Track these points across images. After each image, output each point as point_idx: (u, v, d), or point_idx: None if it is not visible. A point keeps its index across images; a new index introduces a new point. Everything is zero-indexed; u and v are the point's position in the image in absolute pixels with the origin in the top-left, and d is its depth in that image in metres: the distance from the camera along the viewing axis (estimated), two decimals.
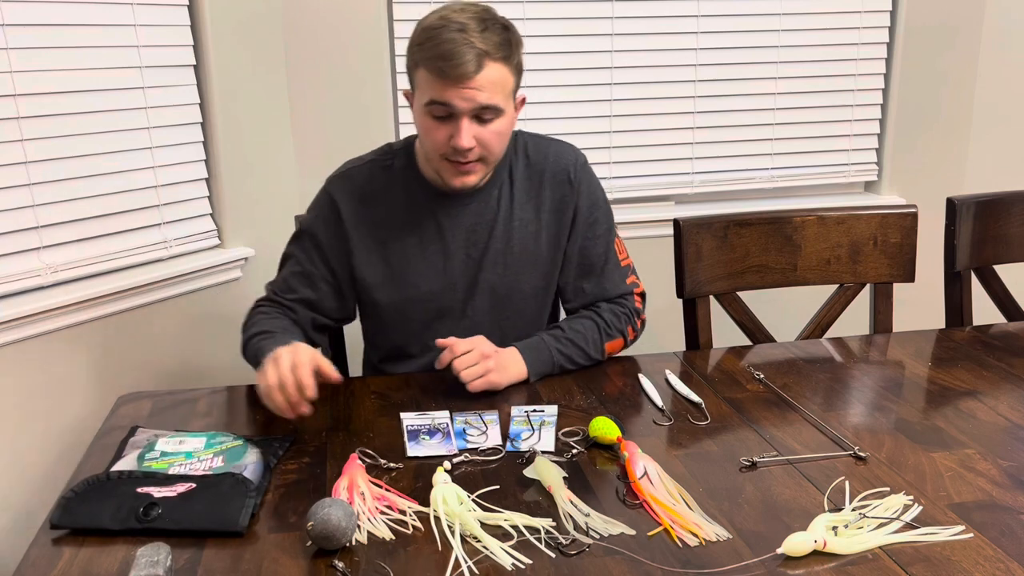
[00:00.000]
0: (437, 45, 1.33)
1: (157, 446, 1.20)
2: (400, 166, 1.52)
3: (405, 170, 1.51)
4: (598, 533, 1.03)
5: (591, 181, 1.57)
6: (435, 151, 1.41)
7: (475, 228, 1.52)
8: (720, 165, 2.57)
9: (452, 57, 1.31)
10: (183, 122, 2.05)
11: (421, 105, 1.39)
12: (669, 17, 2.42)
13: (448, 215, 1.51)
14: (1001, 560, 0.97)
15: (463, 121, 1.36)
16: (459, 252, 1.52)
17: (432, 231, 1.51)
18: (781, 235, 1.79)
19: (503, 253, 1.53)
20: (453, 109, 1.35)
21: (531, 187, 1.53)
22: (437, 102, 1.35)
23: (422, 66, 1.36)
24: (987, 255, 1.89)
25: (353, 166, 1.55)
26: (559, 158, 1.55)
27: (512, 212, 1.52)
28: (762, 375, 1.49)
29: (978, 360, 1.55)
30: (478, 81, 1.33)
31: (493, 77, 1.35)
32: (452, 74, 1.32)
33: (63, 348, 1.86)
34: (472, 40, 1.32)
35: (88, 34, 1.85)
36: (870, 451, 1.22)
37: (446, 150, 1.39)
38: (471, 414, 1.33)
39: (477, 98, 1.34)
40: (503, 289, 1.54)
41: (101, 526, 1.04)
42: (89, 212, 1.90)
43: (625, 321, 1.57)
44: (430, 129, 1.39)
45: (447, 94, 1.34)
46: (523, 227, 1.53)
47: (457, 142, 1.36)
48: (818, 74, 2.56)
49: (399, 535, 1.03)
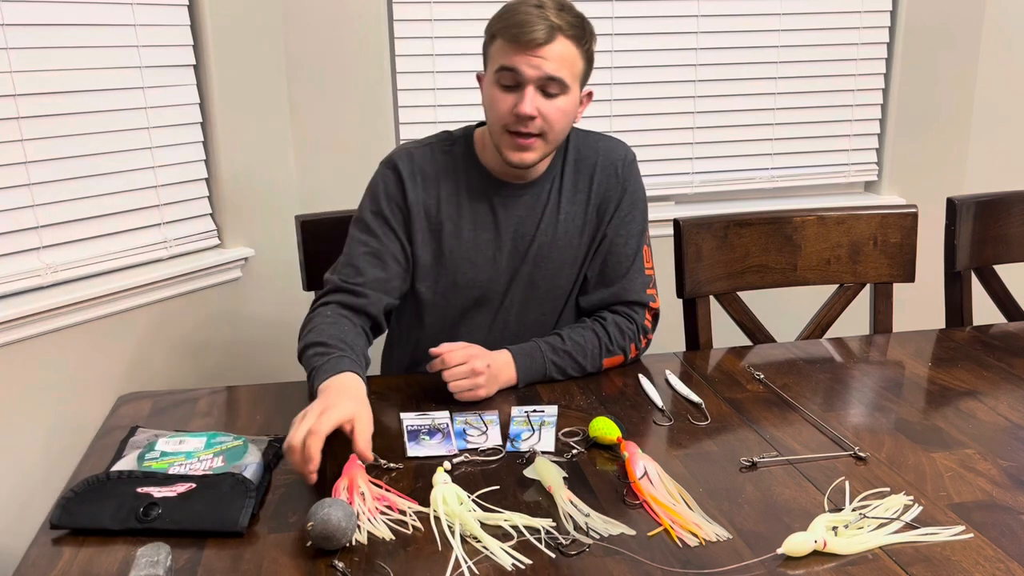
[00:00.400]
0: (514, 15, 1.37)
1: (157, 446, 1.20)
2: (460, 153, 1.52)
3: (465, 157, 1.52)
4: (598, 533, 1.03)
5: (636, 179, 1.57)
6: (498, 121, 1.41)
7: (524, 220, 1.52)
8: (720, 165, 2.58)
9: (525, 25, 1.35)
10: (183, 122, 2.05)
11: (491, 75, 1.41)
12: (669, 17, 2.42)
13: (503, 204, 1.51)
14: (1001, 560, 0.97)
15: (528, 89, 1.37)
16: (508, 243, 1.52)
17: (486, 219, 1.51)
18: (781, 235, 1.79)
19: (547, 247, 1.53)
20: (520, 76, 1.37)
21: (579, 180, 1.54)
22: (506, 68, 1.38)
23: (498, 36, 1.39)
24: (987, 255, 1.89)
25: (412, 147, 1.53)
26: (609, 153, 1.55)
27: (559, 206, 1.53)
28: (762, 375, 1.49)
29: (978, 360, 1.55)
30: (547, 51, 1.36)
31: (562, 51, 1.38)
32: (523, 39, 1.35)
33: (63, 348, 1.86)
34: (547, 14, 1.36)
35: (88, 34, 1.85)
36: (870, 451, 1.22)
37: (509, 119, 1.39)
38: (471, 414, 1.33)
39: (544, 67, 1.36)
40: (541, 282, 1.55)
41: (101, 526, 1.04)
42: (89, 212, 1.90)
43: (629, 338, 1.53)
44: (496, 99, 1.40)
45: (515, 59, 1.37)
46: (568, 221, 1.53)
47: (521, 108, 1.37)
48: (818, 74, 2.56)
49: (399, 535, 1.03)
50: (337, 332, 1.38)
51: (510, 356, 1.44)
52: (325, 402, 1.19)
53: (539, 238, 1.52)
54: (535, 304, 1.57)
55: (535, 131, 1.40)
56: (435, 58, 2.32)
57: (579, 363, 1.48)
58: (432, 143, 1.54)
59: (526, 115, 1.37)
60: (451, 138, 1.54)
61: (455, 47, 2.33)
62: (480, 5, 2.31)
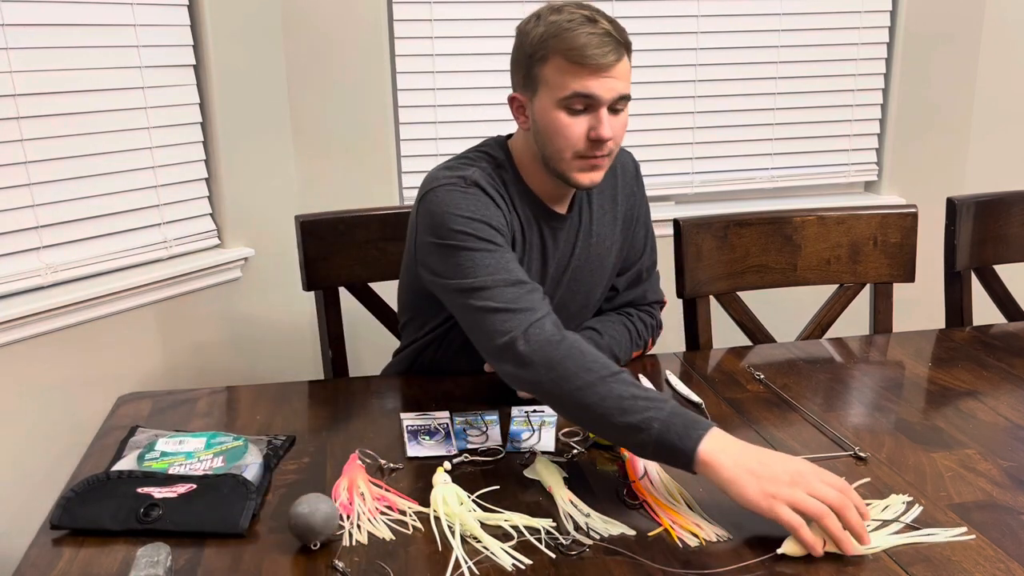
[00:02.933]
0: (573, 36, 1.28)
1: (157, 446, 1.20)
2: (510, 179, 1.40)
3: (515, 183, 1.40)
4: (598, 533, 1.03)
5: (644, 186, 1.57)
6: (570, 148, 1.32)
7: (563, 248, 1.47)
8: (720, 165, 2.58)
9: (592, 47, 1.27)
10: (183, 122, 2.06)
11: (554, 101, 1.30)
12: (669, 17, 2.42)
13: (552, 235, 1.44)
14: (1001, 560, 0.97)
15: (603, 111, 1.30)
16: (551, 271, 1.47)
17: (538, 250, 1.44)
18: (781, 235, 1.79)
19: (579, 271, 1.49)
20: (595, 100, 1.29)
21: (604, 200, 1.50)
22: (580, 94, 1.29)
23: (558, 57, 1.29)
24: (987, 255, 1.89)
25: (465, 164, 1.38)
26: (624, 167, 1.53)
27: (591, 229, 1.49)
28: (762, 375, 1.49)
29: (978, 360, 1.55)
30: (617, 71, 1.30)
31: (626, 67, 1.32)
32: (596, 62, 1.27)
33: (63, 348, 1.86)
34: (609, 30, 1.29)
35: (88, 34, 1.85)
36: (870, 451, 1.22)
37: (583, 146, 1.31)
38: (471, 414, 1.33)
39: (617, 88, 1.30)
40: (572, 305, 1.52)
41: (101, 527, 1.04)
42: (89, 212, 1.91)
43: (649, 333, 1.57)
44: (566, 125, 1.30)
45: (589, 83, 1.28)
46: (599, 244, 1.50)
47: (600, 132, 1.30)
48: (818, 74, 2.56)
49: (399, 535, 1.03)
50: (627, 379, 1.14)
51: None
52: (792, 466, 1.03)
53: (574, 263, 1.48)
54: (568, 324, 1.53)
55: (606, 152, 1.33)
56: (435, 58, 2.32)
57: (617, 358, 1.48)
58: (482, 166, 1.38)
59: (607, 138, 1.31)
60: (495, 161, 1.41)
61: (455, 47, 2.33)
62: (480, 5, 2.32)
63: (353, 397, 1.43)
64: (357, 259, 1.72)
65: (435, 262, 1.30)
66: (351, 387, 1.49)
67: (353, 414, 1.37)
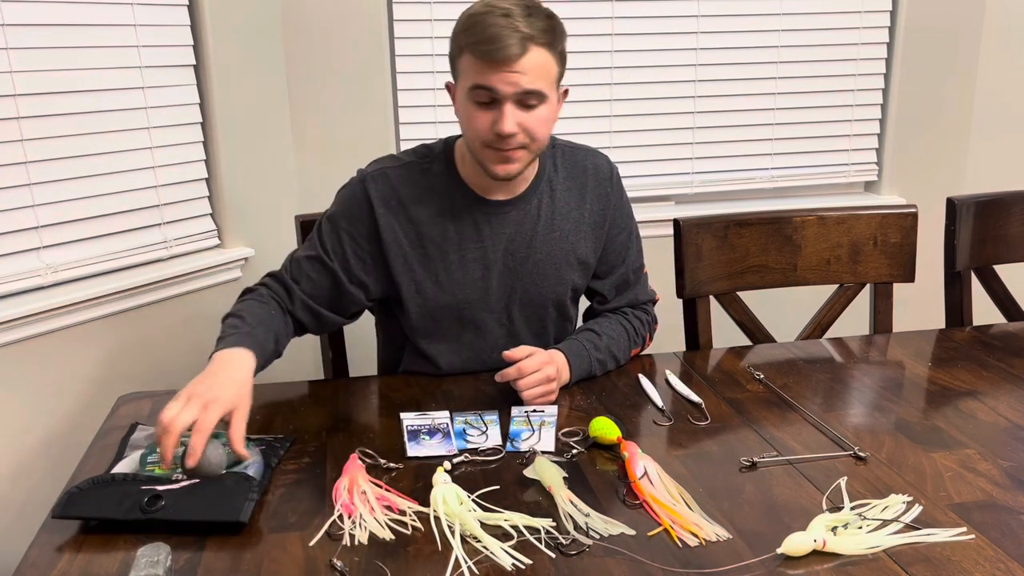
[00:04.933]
0: (482, 30, 1.31)
1: (159, 448, 1.20)
2: (439, 170, 1.47)
3: (445, 175, 1.47)
4: (598, 533, 1.03)
5: (623, 191, 1.58)
6: (477, 139, 1.37)
7: (514, 238, 1.49)
8: (720, 165, 2.57)
9: (496, 40, 1.29)
10: (183, 122, 2.05)
11: (464, 92, 1.36)
12: (669, 17, 2.42)
13: (488, 223, 1.47)
14: (1001, 560, 0.97)
15: (506, 106, 1.33)
16: (498, 262, 1.49)
17: (472, 239, 1.47)
18: (781, 235, 1.79)
19: (543, 264, 1.51)
20: (496, 94, 1.32)
21: (571, 197, 1.52)
22: (481, 87, 1.33)
23: (466, 51, 1.34)
24: (987, 255, 1.89)
25: (389, 166, 1.48)
26: (598, 170, 1.55)
27: (553, 222, 1.50)
28: (762, 375, 1.49)
29: (978, 360, 1.55)
30: (522, 65, 1.31)
31: (537, 62, 1.33)
32: (496, 57, 1.30)
33: (63, 348, 1.86)
34: (517, 24, 1.30)
35: (88, 34, 1.85)
36: (870, 451, 1.22)
37: (489, 137, 1.35)
38: (471, 414, 1.33)
39: (520, 82, 1.32)
40: (541, 300, 1.53)
41: (105, 515, 1.04)
42: (89, 212, 1.90)
43: (646, 330, 1.59)
44: (473, 116, 1.36)
45: (491, 78, 1.32)
46: (563, 238, 1.51)
47: (501, 127, 1.33)
48: (818, 74, 2.56)
49: (399, 535, 1.03)
50: (262, 313, 1.43)
51: (564, 358, 1.44)
52: (209, 388, 1.19)
53: (533, 255, 1.50)
54: (542, 320, 1.56)
55: (516, 145, 1.36)
56: (435, 58, 2.32)
57: (616, 357, 1.52)
58: (410, 161, 1.49)
59: (507, 133, 1.33)
60: (430, 154, 1.49)
61: None
62: None
63: (353, 397, 1.43)
64: None
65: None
66: (351, 387, 1.49)
67: (353, 414, 1.37)
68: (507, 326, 1.54)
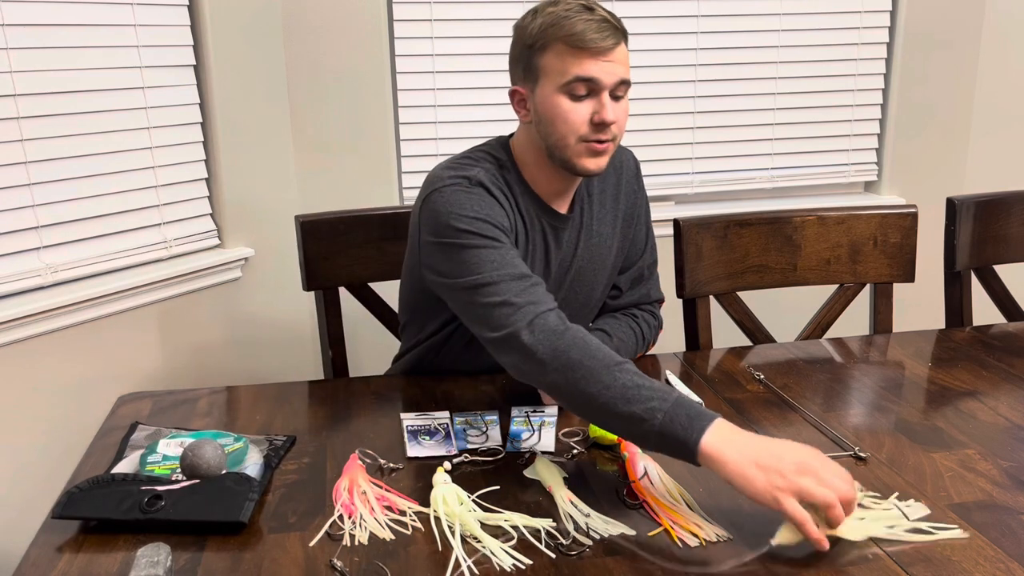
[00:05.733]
0: (571, 23, 1.30)
1: (159, 448, 1.20)
2: (513, 179, 1.40)
3: (518, 183, 1.40)
4: (598, 533, 1.03)
5: (643, 184, 1.58)
6: (573, 133, 1.33)
7: (565, 248, 1.47)
8: (720, 165, 2.58)
9: (591, 32, 1.29)
10: (183, 122, 2.06)
11: (555, 88, 1.31)
12: (669, 17, 2.42)
13: (554, 235, 1.44)
14: (1001, 560, 0.97)
15: (604, 95, 1.32)
16: (553, 272, 1.47)
17: (541, 250, 1.44)
18: (781, 235, 1.79)
19: (583, 271, 1.50)
20: (596, 84, 1.31)
21: (605, 200, 1.51)
22: (581, 78, 1.30)
23: (557, 45, 1.30)
24: (987, 255, 1.89)
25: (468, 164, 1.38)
26: (625, 167, 1.53)
27: (592, 228, 1.49)
28: (762, 375, 1.49)
29: (978, 360, 1.55)
30: (616, 55, 1.32)
31: (624, 53, 1.34)
32: (596, 46, 1.29)
33: (63, 348, 1.86)
34: (605, 17, 1.32)
35: (88, 34, 1.85)
36: (870, 451, 1.22)
37: (586, 130, 1.33)
38: (471, 414, 1.33)
39: (617, 72, 1.32)
40: (576, 305, 1.52)
41: (105, 516, 1.05)
42: (89, 212, 1.91)
43: (652, 333, 1.58)
44: (569, 111, 1.31)
45: (591, 68, 1.30)
46: (600, 243, 1.50)
47: (604, 115, 1.31)
48: (818, 74, 2.56)
49: (399, 535, 1.03)
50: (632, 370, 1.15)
51: None
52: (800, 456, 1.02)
53: (576, 263, 1.48)
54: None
55: (610, 137, 1.34)
56: (435, 58, 2.32)
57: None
58: (485, 166, 1.38)
59: (611, 122, 1.32)
60: (497, 161, 1.40)
61: (455, 47, 2.33)
62: (480, 5, 2.32)
63: (353, 397, 1.43)
64: (357, 259, 1.72)
65: (440, 262, 1.30)
66: (351, 387, 1.49)
67: (353, 414, 1.37)
68: None
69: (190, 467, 1.12)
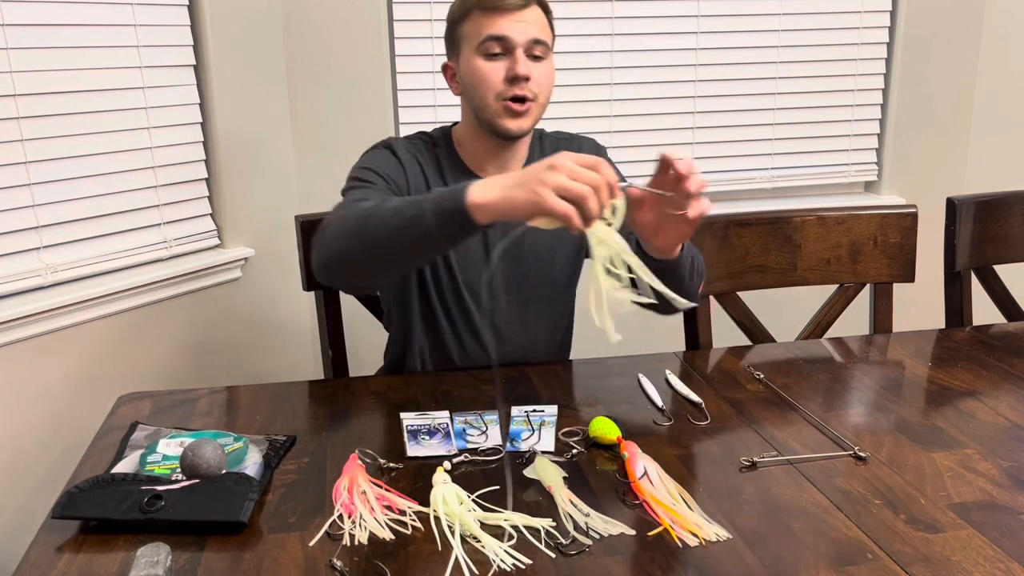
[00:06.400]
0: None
1: (159, 448, 1.20)
2: (443, 154, 1.52)
3: (448, 157, 1.51)
4: (598, 533, 1.03)
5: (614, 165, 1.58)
6: (491, 91, 1.42)
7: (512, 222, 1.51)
8: (720, 165, 2.58)
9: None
10: (183, 122, 2.05)
11: (472, 51, 1.42)
12: (669, 17, 2.42)
13: None
14: (1001, 560, 0.97)
15: (518, 52, 1.40)
16: (496, 245, 1.52)
17: None
18: (781, 235, 1.79)
19: (538, 246, 1.53)
20: (508, 41, 1.39)
21: None
22: (493, 36, 1.40)
23: (472, 12, 1.42)
24: (987, 255, 1.89)
25: (399, 138, 1.52)
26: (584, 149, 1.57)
27: None
28: (762, 375, 1.49)
29: (978, 360, 1.55)
30: (527, 15, 1.40)
31: (539, 15, 1.43)
32: (508, 4, 1.39)
33: (63, 348, 1.86)
34: None
35: (88, 34, 1.85)
36: (870, 451, 1.22)
37: (502, 87, 1.41)
38: (471, 414, 1.33)
39: (530, 30, 1.40)
40: (537, 281, 1.56)
41: (104, 516, 1.05)
42: (89, 212, 1.90)
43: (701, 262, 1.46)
44: (486, 71, 1.41)
45: (502, 26, 1.39)
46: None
47: (517, 70, 1.39)
48: (818, 74, 2.56)
49: (399, 535, 1.03)
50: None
51: None
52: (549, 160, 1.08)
53: (529, 237, 1.51)
54: (539, 304, 1.57)
55: (530, 95, 1.41)
56: (435, 58, 2.32)
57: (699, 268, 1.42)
58: (412, 140, 1.53)
59: (523, 76, 1.39)
60: (431, 139, 1.53)
61: None
62: None
63: (353, 397, 1.43)
64: None
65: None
66: (351, 387, 1.49)
67: (353, 414, 1.37)
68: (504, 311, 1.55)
69: (190, 467, 1.12)
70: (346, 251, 1.23)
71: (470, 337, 1.56)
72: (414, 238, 1.15)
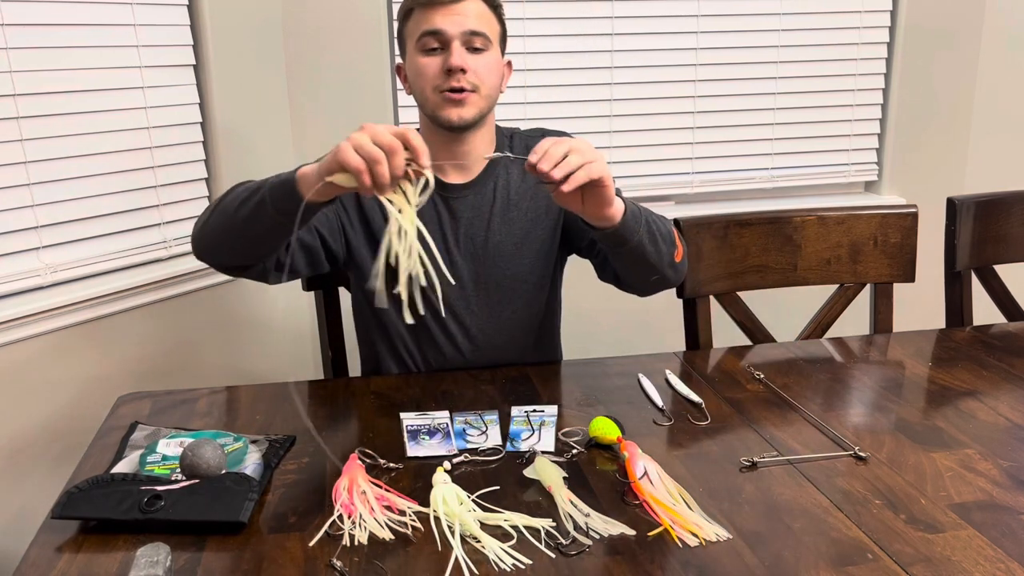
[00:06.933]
0: None
1: (158, 448, 1.20)
2: None
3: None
4: (598, 533, 1.03)
5: None
6: (429, 84, 1.43)
7: (473, 221, 1.51)
8: (720, 165, 2.57)
9: None
10: (183, 122, 2.05)
11: (414, 48, 1.44)
12: (669, 17, 2.42)
13: (447, 207, 1.51)
14: (1001, 560, 0.97)
15: (454, 44, 1.41)
16: (458, 246, 1.52)
17: (432, 224, 1.50)
18: (781, 235, 1.79)
19: (503, 245, 1.53)
20: (443, 35, 1.41)
21: (529, 178, 1.53)
22: (428, 31, 1.41)
23: (413, 10, 1.44)
24: (987, 255, 1.89)
25: None
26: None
27: (509, 203, 1.52)
28: (762, 375, 1.49)
29: (978, 360, 1.55)
30: (463, 8, 1.41)
31: (477, 9, 1.43)
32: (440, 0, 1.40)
33: (63, 348, 1.86)
34: None
35: (88, 34, 1.85)
36: (870, 451, 1.22)
37: (440, 80, 1.42)
38: (471, 414, 1.33)
39: (465, 22, 1.41)
40: (507, 282, 1.55)
41: (104, 516, 1.05)
42: (89, 212, 1.90)
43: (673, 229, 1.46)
44: (424, 66, 1.43)
45: (436, 20, 1.40)
46: (522, 217, 1.53)
47: (451, 61, 1.40)
48: (818, 74, 2.56)
49: (399, 535, 1.03)
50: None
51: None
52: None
53: (492, 238, 1.52)
54: (511, 304, 1.56)
55: (468, 86, 1.41)
56: None
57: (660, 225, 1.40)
58: None
59: (457, 66, 1.39)
60: None
61: None
62: None
63: (353, 397, 1.43)
64: None
65: None
66: (351, 387, 1.49)
67: (353, 414, 1.37)
68: (476, 313, 1.54)
69: (190, 467, 1.12)
70: (208, 223, 1.35)
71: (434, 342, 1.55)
72: (251, 208, 1.26)
